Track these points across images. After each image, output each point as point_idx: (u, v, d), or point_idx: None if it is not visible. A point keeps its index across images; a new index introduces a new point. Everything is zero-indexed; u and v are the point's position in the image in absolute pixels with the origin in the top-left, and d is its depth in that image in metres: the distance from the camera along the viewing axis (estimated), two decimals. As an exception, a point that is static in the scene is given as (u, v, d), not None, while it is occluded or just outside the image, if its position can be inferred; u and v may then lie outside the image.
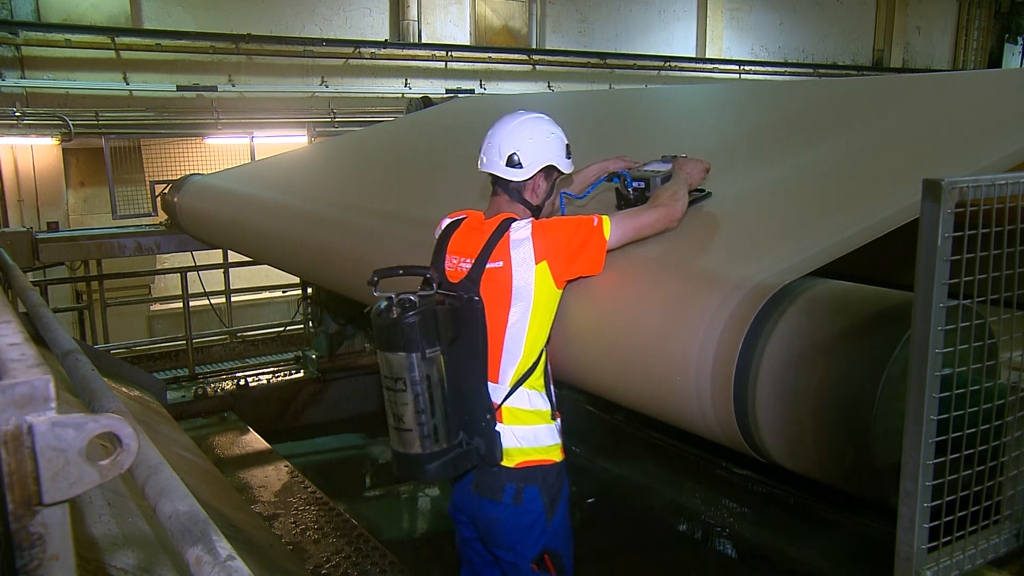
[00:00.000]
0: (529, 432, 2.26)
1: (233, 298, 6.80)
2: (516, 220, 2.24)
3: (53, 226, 6.23)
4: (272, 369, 6.32)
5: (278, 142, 9.57)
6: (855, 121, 2.99)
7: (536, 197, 2.33)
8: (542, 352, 2.26)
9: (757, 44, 15.34)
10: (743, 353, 1.81)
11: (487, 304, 2.21)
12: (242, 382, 5.98)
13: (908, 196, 2.04)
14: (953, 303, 1.47)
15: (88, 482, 0.82)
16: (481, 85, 12.03)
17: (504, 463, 2.25)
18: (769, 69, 14.86)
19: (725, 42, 14.78)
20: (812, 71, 15.28)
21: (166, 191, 5.75)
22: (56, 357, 1.75)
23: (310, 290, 6.28)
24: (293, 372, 6.27)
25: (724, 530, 4.55)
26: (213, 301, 6.85)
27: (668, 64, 13.78)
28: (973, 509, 1.62)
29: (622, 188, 2.44)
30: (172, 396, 5.58)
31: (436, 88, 11.22)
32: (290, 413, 6.06)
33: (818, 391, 1.69)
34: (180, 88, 10.02)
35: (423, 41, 11.74)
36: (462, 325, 2.21)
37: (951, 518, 1.58)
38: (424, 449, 2.14)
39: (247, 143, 9.93)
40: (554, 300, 2.22)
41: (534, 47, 12.80)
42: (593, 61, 13.03)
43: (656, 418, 2.14)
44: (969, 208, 1.47)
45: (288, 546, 3.74)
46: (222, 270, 6.41)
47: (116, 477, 0.84)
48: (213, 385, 5.94)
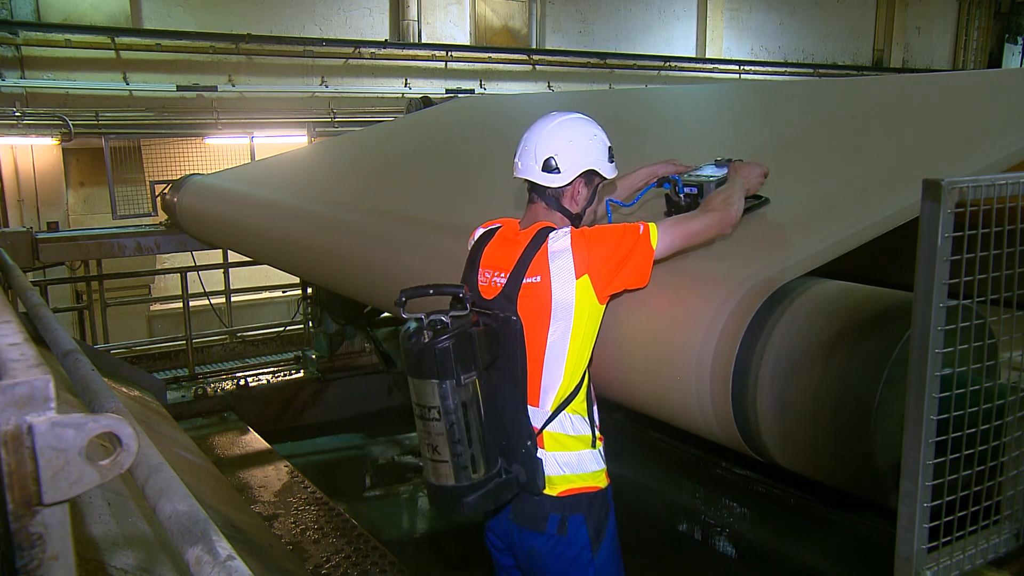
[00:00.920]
0: (572, 458, 2.10)
1: (233, 298, 6.80)
2: (554, 230, 2.07)
3: (53, 226, 6.23)
4: (272, 369, 6.32)
5: (278, 142, 9.57)
6: (855, 121, 2.99)
7: (576, 205, 2.14)
8: (585, 373, 2.10)
9: (757, 44, 15.35)
10: (743, 353, 1.81)
11: (525, 323, 2.04)
12: (242, 382, 5.98)
13: (908, 196, 2.04)
14: (953, 303, 1.47)
15: (88, 482, 0.82)
16: (481, 85, 12.03)
17: (546, 491, 2.09)
18: (769, 69, 14.87)
19: (725, 42, 14.79)
20: (812, 71, 15.28)
21: (166, 191, 5.74)
22: (56, 357, 1.75)
23: (310, 290, 6.28)
24: (293, 372, 6.27)
25: (724, 530, 4.55)
26: (213, 301, 6.85)
27: (668, 64, 13.79)
28: (973, 509, 1.62)
29: (673, 194, 2.28)
30: (172, 396, 5.58)
31: (436, 88, 11.22)
32: (290, 413, 6.06)
33: (818, 391, 1.69)
34: (180, 88, 10.02)
35: (423, 41, 11.74)
36: (499, 347, 2.05)
37: (951, 518, 1.58)
38: (461, 481, 1.98)
39: (247, 143, 9.94)
40: (596, 317, 2.05)
41: (534, 47, 12.81)
42: (593, 61, 13.04)
43: (656, 418, 2.13)
44: (969, 208, 1.47)
45: (288, 546, 3.74)
46: (222, 270, 6.41)
47: (116, 477, 0.84)
48: (213, 385, 5.94)
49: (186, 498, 0.97)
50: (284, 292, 7.91)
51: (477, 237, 2.25)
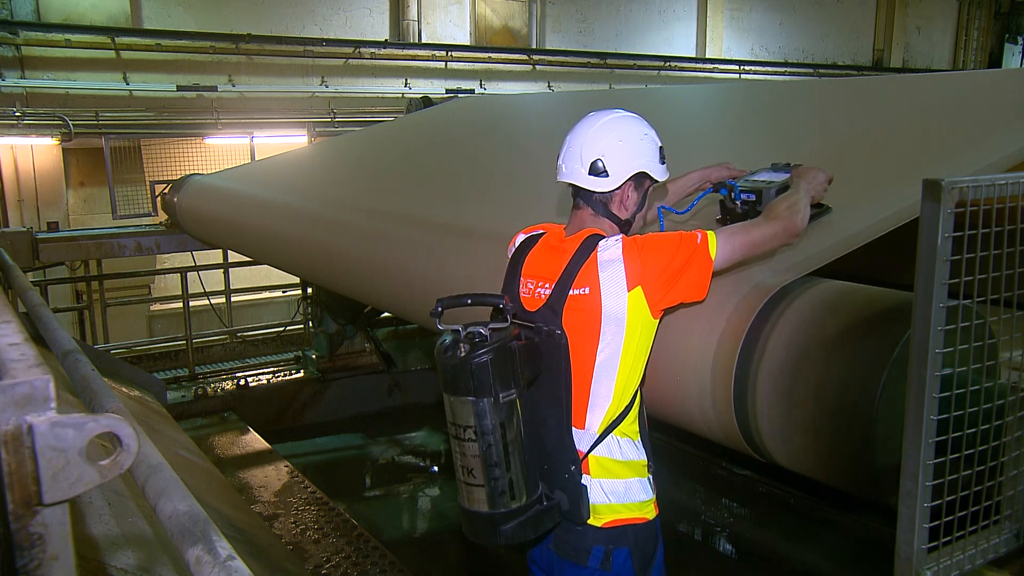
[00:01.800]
0: (620, 486, 1.94)
1: (233, 298, 6.81)
2: (603, 237, 1.91)
3: (53, 226, 6.24)
4: (272, 369, 6.33)
5: (278, 142, 9.57)
6: (854, 121, 2.99)
7: (625, 210, 1.98)
8: (636, 393, 1.94)
9: (757, 44, 15.35)
10: (743, 353, 1.81)
11: (571, 338, 1.88)
12: (242, 382, 5.99)
13: (908, 196, 2.04)
14: (953, 303, 1.47)
15: (88, 482, 0.82)
16: (481, 85, 12.03)
17: (591, 522, 1.93)
18: (769, 69, 14.87)
19: (725, 42, 14.79)
20: (812, 71, 15.28)
21: (166, 191, 5.75)
22: (56, 357, 1.75)
23: (310, 290, 6.28)
24: (293, 372, 6.28)
25: (724, 530, 4.55)
26: (213, 301, 6.85)
27: (668, 64, 13.79)
28: (973, 509, 1.62)
29: (728, 201, 2.13)
30: (172, 396, 5.58)
31: (436, 88, 11.22)
32: (290, 413, 6.07)
33: (818, 391, 1.69)
34: (180, 88, 10.02)
35: (423, 41, 11.74)
36: (542, 363, 1.90)
37: (951, 518, 1.58)
38: (497, 508, 1.82)
39: (247, 143, 9.94)
40: (649, 333, 1.90)
41: (534, 47, 12.81)
42: (593, 61, 13.04)
43: (656, 418, 2.13)
44: (969, 208, 1.47)
45: (288, 546, 3.74)
46: (222, 270, 6.41)
47: (116, 477, 0.84)
48: (213, 385, 5.94)
49: (186, 498, 0.97)
50: (284, 292, 7.92)
51: (518, 244, 2.09)
